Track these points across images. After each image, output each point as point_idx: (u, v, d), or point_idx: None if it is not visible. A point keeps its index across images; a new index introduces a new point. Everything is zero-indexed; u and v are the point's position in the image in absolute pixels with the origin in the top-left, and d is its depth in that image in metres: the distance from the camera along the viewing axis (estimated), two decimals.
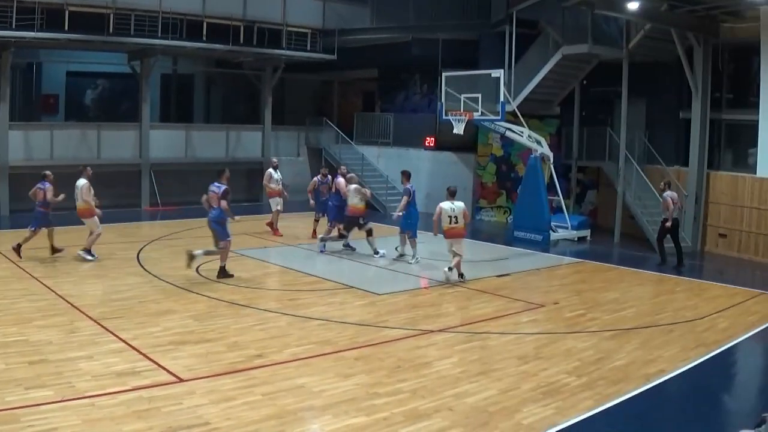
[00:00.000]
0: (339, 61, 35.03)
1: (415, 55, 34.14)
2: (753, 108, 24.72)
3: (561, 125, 31.30)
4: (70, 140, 30.42)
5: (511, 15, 27.93)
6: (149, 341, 12.64)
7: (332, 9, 35.47)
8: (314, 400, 10.34)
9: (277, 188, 26.07)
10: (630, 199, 26.56)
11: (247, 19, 32.40)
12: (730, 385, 12.77)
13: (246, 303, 15.84)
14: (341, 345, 13.10)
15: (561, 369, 12.21)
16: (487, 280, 19.39)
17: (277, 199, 26.02)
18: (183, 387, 10.56)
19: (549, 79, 28.72)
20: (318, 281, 18.52)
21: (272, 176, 26.16)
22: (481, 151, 32.42)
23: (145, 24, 29.35)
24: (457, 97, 26.08)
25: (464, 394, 10.82)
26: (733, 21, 25.17)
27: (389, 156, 35.76)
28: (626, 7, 23.07)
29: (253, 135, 36.33)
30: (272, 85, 36.22)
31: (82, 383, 10.46)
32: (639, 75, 27.12)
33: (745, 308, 17.46)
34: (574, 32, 27.41)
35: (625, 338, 14.33)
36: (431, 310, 16.12)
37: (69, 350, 11.93)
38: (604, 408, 10.57)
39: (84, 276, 17.68)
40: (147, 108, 32.30)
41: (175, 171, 33.28)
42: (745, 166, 25.54)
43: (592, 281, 20.10)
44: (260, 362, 11.87)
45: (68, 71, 34.86)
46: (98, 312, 14.44)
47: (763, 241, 24.22)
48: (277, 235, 25.49)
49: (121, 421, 9.24)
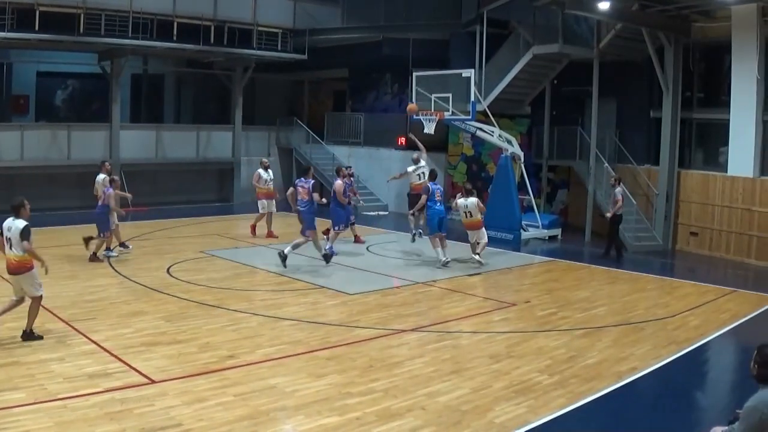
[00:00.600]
0: (310, 61, 34.98)
1: (386, 54, 34.11)
2: (724, 107, 24.89)
3: (532, 125, 31.42)
4: (41, 141, 30.18)
5: (481, 15, 27.96)
6: (121, 343, 12.57)
7: (303, 9, 35.38)
8: (287, 401, 10.31)
9: (265, 189, 25.32)
10: (601, 198, 26.65)
11: (217, 19, 32.29)
12: (703, 383, 12.86)
13: (217, 303, 15.78)
14: (313, 345, 13.07)
15: (533, 367, 12.24)
16: (458, 279, 19.42)
17: (264, 201, 25.16)
18: (155, 388, 10.50)
19: (520, 78, 28.79)
20: (289, 281, 18.48)
21: (261, 176, 25.43)
22: (452, 150, 32.46)
23: (115, 24, 29.18)
24: (427, 97, 26.06)
25: (436, 393, 10.82)
26: (704, 21, 25.35)
27: (360, 156, 35.71)
28: (597, 6, 23.16)
29: (224, 135, 36.20)
30: (243, 85, 36.12)
31: (54, 385, 10.39)
32: (610, 74, 27.26)
33: (716, 306, 17.58)
34: (545, 32, 27.50)
35: (596, 336, 14.39)
36: (403, 310, 16.10)
37: (41, 352, 11.85)
38: (576, 406, 10.60)
39: (55, 278, 17.49)
40: (117, 108, 32.10)
41: (145, 171, 33.15)
42: (716, 165, 25.72)
43: (564, 280, 20.16)
44: (232, 363, 11.83)
45: (38, 71, 34.58)
46: (69, 313, 14.36)
47: (734, 239, 24.41)
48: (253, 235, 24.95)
49: (94, 423, 9.19)
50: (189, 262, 20.08)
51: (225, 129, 36.35)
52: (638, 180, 27.50)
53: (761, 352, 7.34)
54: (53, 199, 29.35)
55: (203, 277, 18.44)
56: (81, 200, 26.42)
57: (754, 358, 7.37)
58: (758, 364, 7.29)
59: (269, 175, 25.54)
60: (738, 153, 24.28)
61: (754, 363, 7.34)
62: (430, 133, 26.11)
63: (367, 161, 34.53)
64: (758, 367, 7.28)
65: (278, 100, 42.17)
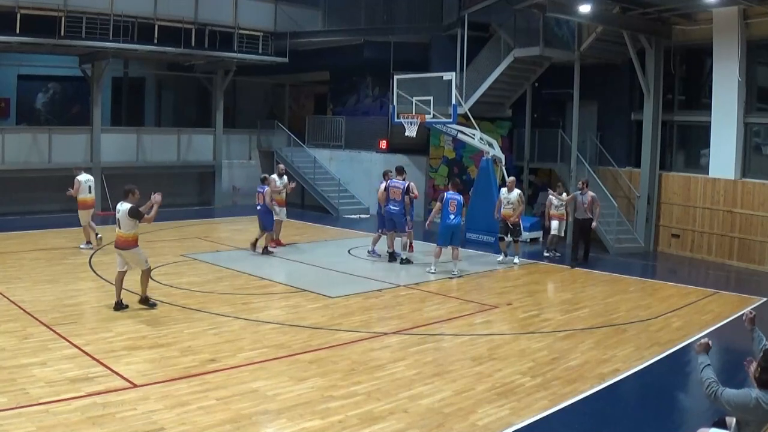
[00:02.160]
0: (291, 64, 34.84)
1: (367, 57, 34.08)
2: (705, 109, 25.02)
3: (513, 127, 31.44)
4: (21, 144, 29.99)
5: (462, 18, 28.05)
6: (102, 347, 12.51)
7: (284, 12, 35.30)
8: (269, 404, 10.29)
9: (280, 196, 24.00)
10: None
11: (198, 22, 32.17)
12: (686, 384, 12.87)
13: (198, 307, 15.74)
14: (295, 348, 13.04)
15: (515, 370, 12.26)
16: (440, 282, 19.44)
17: (276, 208, 23.60)
18: (137, 392, 10.46)
19: (501, 81, 28.87)
20: (270, 284, 18.46)
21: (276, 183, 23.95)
22: (433, 153, 32.45)
23: (96, 27, 29.01)
24: (409, 100, 26.08)
25: (419, 396, 10.82)
26: (685, 23, 25.44)
27: (341, 159, 35.72)
28: (578, 9, 23.24)
29: (205, 138, 36.05)
30: (224, 88, 35.98)
31: (36, 390, 10.33)
32: (591, 77, 27.36)
33: (698, 307, 17.66)
34: (526, 35, 27.59)
35: (579, 338, 14.42)
36: (384, 313, 16.14)
37: (22, 356, 11.78)
38: (559, 408, 10.63)
39: (36, 281, 17.49)
40: (98, 112, 31.95)
41: (126, 175, 32.91)
42: (697, 167, 25.82)
43: (545, 282, 20.22)
44: (214, 367, 11.79)
45: (19, 74, 34.44)
46: (51, 317, 14.28)
47: (716, 240, 24.50)
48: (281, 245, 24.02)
49: (76, 427, 9.15)
50: (170, 266, 20.01)
51: (206, 132, 36.19)
52: (619, 182, 27.59)
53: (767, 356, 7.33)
54: (33, 203, 29.29)
55: (184, 280, 18.40)
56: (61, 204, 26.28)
57: (759, 362, 7.35)
58: (763, 368, 7.26)
59: (283, 182, 24.39)
60: (719, 155, 24.38)
61: (758, 366, 7.31)
62: (412, 136, 26.13)
63: (348, 164, 34.54)
64: (761, 370, 7.26)
65: (259, 103, 42.18)
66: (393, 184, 21.41)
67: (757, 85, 24.27)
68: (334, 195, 33.51)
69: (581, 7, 23.12)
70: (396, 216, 21.29)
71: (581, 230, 23.23)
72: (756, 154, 24.43)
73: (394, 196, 21.20)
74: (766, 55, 24.42)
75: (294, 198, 30.70)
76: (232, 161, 35.65)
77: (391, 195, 21.24)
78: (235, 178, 28.32)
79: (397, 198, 21.14)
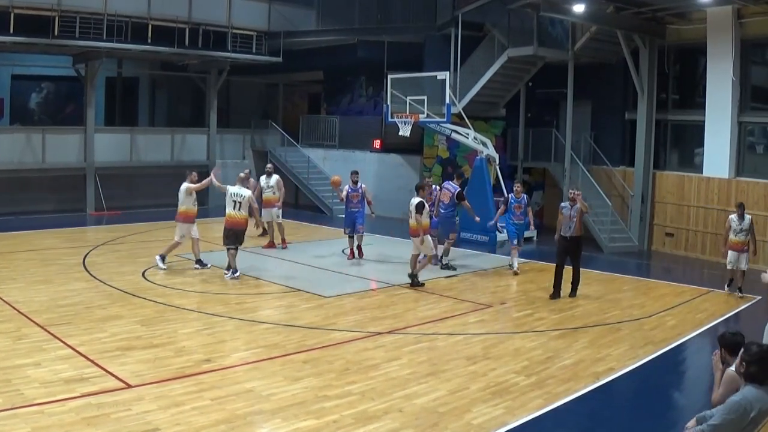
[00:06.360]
0: (284, 64, 34.81)
1: (361, 57, 34.04)
2: (699, 108, 25.05)
3: (507, 127, 31.45)
4: (15, 144, 29.96)
5: (456, 17, 28.08)
6: (97, 347, 12.50)
7: (277, 11, 35.25)
8: (263, 404, 10.29)
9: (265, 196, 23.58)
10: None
11: (192, 22, 32.12)
12: (680, 382, 12.88)
13: (193, 307, 15.74)
14: (289, 348, 13.04)
15: (510, 369, 12.27)
16: (434, 282, 19.41)
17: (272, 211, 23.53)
18: (131, 393, 10.45)
19: (494, 81, 28.87)
20: (264, 284, 18.45)
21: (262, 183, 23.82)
22: (427, 152, 32.42)
23: (90, 26, 28.95)
24: (402, 100, 26.12)
25: (414, 396, 10.83)
26: (679, 23, 25.46)
27: (335, 158, 35.67)
28: (572, 9, 23.26)
29: (199, 138, 36.03)
30: (217, 88, 35.94)
31: (30, 390, 10.32)
32: (585, 76, 27.36)
33: (693, 306, 17.69)
34: (520, 34, 27.57)
35: (573, 337, 14.43)
36: (379, 312, 16.10)
37: (16, 357, 11.77)
38: (554, 407, 10.65)
39: (30, 282, 17.46)
40: (92, 111, 31.90)
41: (120, 175, 32.98)
42: (691, 166, 25.85)
43: (539, 281, 20.15)
44: (208, 367, 11.79)
45: (13, 74, 34.45)
46: (45, 318, 14.27)
47: (710, 239, 24.52)
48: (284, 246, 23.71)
49: (71, 428, 9.14)
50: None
51: (200, 132, 36.17)
52: (613, 181, 27.62)
53: (748, 350, 7.34)
54: (27, 203, 29.23)
55: (179, 280, 18.38)
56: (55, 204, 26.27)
57: (741, 356, 7.37)
58: (745, 362, 7.28)
59: (269, 182, 23.90)
60: (713, 154, 24.41)
61: (741, 361, 7.34)
62: (406, 135, 26.15)
63: (342, 164, 34.48)
64: (746, 365, 7.27)
65: (253, 103, 42.16)
66: (445, 186, 21.61)
67: (750, 85, 24.34)
68: (327, 195, 33.45)
69: (575, 7, 23.15)
70: (444, 219, 21.32)
71: (567, 252, 17.96)
72: (750, 153, 24.51)
73: (443, 198, 21.20)
74: (760, 54, 24.53)
75: (288, 197, 30.62)
76: (225, 161, 35.58)
77: (442, 197, 21.24)
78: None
79: (445, 200, 21.17)
